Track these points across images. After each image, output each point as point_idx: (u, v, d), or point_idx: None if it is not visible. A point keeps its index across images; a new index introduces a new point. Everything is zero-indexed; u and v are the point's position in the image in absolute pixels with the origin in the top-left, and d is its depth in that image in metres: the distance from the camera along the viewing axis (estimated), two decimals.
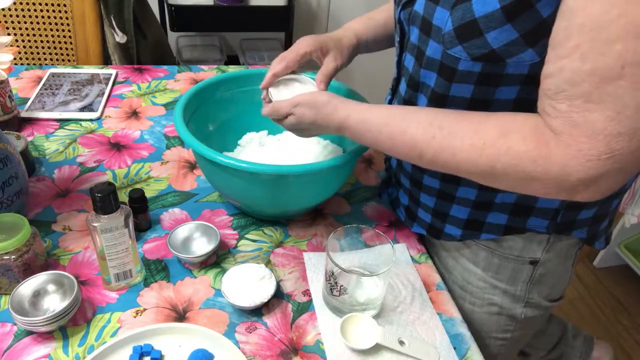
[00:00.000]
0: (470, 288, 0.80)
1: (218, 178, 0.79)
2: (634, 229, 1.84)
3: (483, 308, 0.81)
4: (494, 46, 0.55)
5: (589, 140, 0.49)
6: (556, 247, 0.73)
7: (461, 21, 0.56)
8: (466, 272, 0.80)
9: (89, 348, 0.65)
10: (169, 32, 1.87)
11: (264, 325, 0.69)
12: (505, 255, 0.75)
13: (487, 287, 0.78)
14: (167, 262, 0.77)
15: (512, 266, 0.75)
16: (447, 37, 0.59)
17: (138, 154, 0.99)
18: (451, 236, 0.76)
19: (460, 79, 0.61)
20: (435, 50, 0.62)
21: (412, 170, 0.77)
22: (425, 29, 0.63)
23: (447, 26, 0.58)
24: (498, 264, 0.76)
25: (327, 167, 0.73)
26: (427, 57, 0.64)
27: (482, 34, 0.55)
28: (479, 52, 0.57)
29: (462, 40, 0.57)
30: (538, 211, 0.69)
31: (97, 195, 0.62)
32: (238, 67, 1.39)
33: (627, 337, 1.75)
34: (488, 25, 0.54)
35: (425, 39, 0.63)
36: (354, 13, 2.32)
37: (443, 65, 0.62)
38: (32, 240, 0.69)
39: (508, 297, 0.78)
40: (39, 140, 1.01)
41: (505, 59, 0.56)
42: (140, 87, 1.21)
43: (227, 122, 0.94)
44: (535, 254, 0.74)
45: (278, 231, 0.85)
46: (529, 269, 0.75)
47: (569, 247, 0.75)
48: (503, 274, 0.76)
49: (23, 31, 1.43)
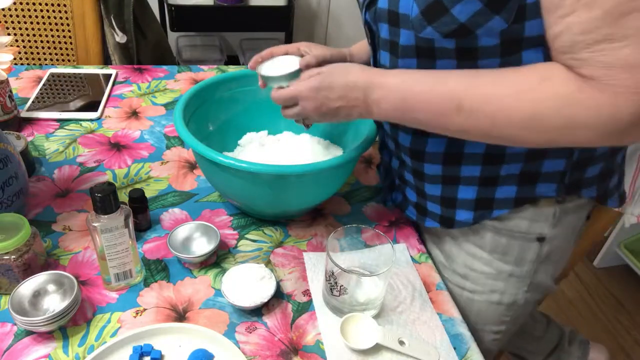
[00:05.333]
0: (473, 275, 0.80)
1: (218, 178, 0.79)
2: (634, 229, 1.84)
3: (483, 296, 0.81)
4: (461, 20, 0.57)
5: (630, 75, 0.49)
6: (563, 221, 0.74)
7: (426, 3, 0.58)
8: (470, 257, 0.79)
9: (89, 348, 0.65)
10: (169, 32, 1.87)
11: (264, 325, 0.69)
12: (512, 234, 0.74)
13: (492, 272, 0.78)
14: (167, 262, 0.77)
15: (519, 244, 0.75)
16: (416, 22, 0.60)
17: (138, 154, 0.99)
18: (463, 222, 0.76)
19: (441, 57, 0.62)
20: (409, 37, 0.63)
21: (412, 163, 0.76)
22: (393, 21, 0.64)
23: (413, 11, 0.60)
24: (505, 244, 0.75)
25: (327, 167, 0.73)
26: (401, 46, 0.65)
27: (447, 11, 0.57)
28: (449, 29, 0.58)
29: (430, 21, 0.59)
30: (545, 176, 0.69)
31: (97, 195, 0.62)
32: (238, 67, 1.39)
33: (626, 336, 1.75)
34: (452, 1, 0.56)
35: (396, 30, 0.64)
36: (354, 13, 2.33)
37: (419, 48, 0.63)
38: (32, 240, 0.69)
39: (512, 281, 0.78)
40: (39, 140, 1.01)
41: (475, 31, 0.57)
42: (140, 87, 1.21)
43: (227, 122, 0.94)
44: (542, 229, 0.74)
45: (278, 231, 0.85)
46: (536, 247, 0.75)
47: (576, 218, 0.75)
48: (510, 255, 0.76)
49: (23, 31, 1.43)
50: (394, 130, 0.76)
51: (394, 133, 0.76)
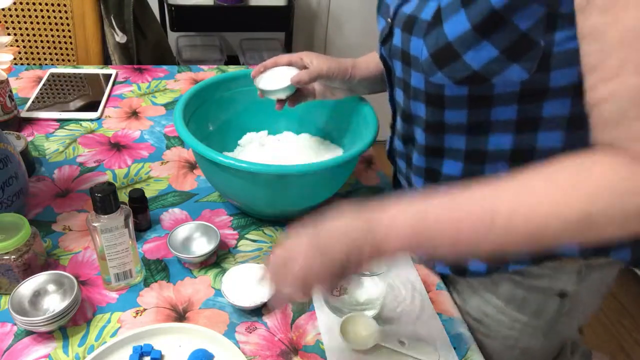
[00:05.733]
0: (487, 321, 0.74)
1: (218, 178, 0.79)
2: None
3: (497, 341, 0.75)
4: (474, 67, 0.53)
5: None
6: (589, 277, 0.67)
7: (436, 47, 0.54)
8: (485, 303, 0.73)
9: (89, 348, 0.65)
10: (169, 32, 1.86)
11: (264, 325, 0.69)
12: (531, 288, 0.69)
13: (506, 320, 0.73)
14: (167, 262, 0.77)
15: (538, 299, 0.69)
16: (425, 65, 0.57)
17: (138, 154, 0.99)
18: (476, 273, 0.71)
19: (451, 105, 0.59)
20: (419, 80, 0.60)
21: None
22: (406, 61, 0.61)
23: (423, 54, 0.56)
24: (522, 296, 0.69)
25: (327, 167, 0.73)
26: (412, 88, 0.62)
27: (459, 56, 0.53)
28: (461, 76, 0.55)
29: (441, 66, 0.55)
30: None
31: (97, 195, 0.62)
32: (238, 67, 1.39)
33: (627, 338, 1.75)
34: (464, 47, 0.52)
35: (408, 70, 0.62)
36: (354, 13, 2.33)
37: (428, 94, 0.60)
38: (32, 240, 0.69)
39: (529, 330, 0.73)
40: (39, 140, 1.01)
41: (490, 79, 0.52)
42: (140, 87, 1.21)
43: (227, 122, 0.94)
44: (565, 285, 0.67)
45: (278, 231, 0.85)
46: (556, 302, 0.69)
47: (605, 275, 0.69)
48: (527, 308, 0.70)
49: (23, 31, 1.43)
50: (408, 170, 0.74)
51: (408, 172, 0.74)
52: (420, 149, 0.68)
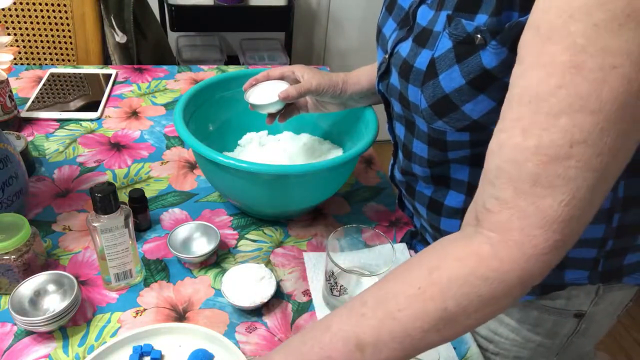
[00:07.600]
0: (497, 339, 0.73)
1: (218, 178, 0.79)
2: None
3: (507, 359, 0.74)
4: (474, 117, 0.53)
5: (543, 232, 0.41)
6: (607, 297, 0.66)
7: (434, 98, 0.54)
8: (496, 322, 0.72)
9: (89, 348, 0.65)
10: (169, 32, 1.86)
11: (264, 325, 0.69)
12: (545, 308, 0.67)
13: (519, 340, 0.71)
14: (167, 262, 0.77)
15: (553, 319, 0.68)
16: (426, 114, 0.57)
17: (138, 154, 0.99)
18: None
19: (453, 148, 0.59)
20: (422, 124, 0.60)
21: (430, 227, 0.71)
22: (405, 104, 0.61)
23: (422, 103, 0.57)
24: (536, 316, 0.68)
25: (327, 167, 0.73)
26: (414, 128, 0.62)
27: (458, 108, 0.53)
28: (462, 124, 0.55)
29: (441, 116, 0.55)
30: (573, 263, 0.61)
31: (97, 195, 0.62)
32: (238, 67, 1.39)
33: (626, 336, 1.75)
34: (461, 99, 0.52)
35: (408, 112, 0.61)
36: (354, 13, 2.33)
37: (431, 137, 0.60)
38: (32, 240, 0.69)
39: (541, 350, 0.71)
40: (39, 140, 1.01)
41: (491, 126, 0.49)
42: (140, 87, 1.21)
43: (227, 122, 0.94)
44: (581, 306, 0.66)
45: (278, 231, 0.85)
46: (572, 322, 0.67)
47: (623, 296, 0.68)
48: (541, 327, 0.69)
49: (23, 31, 1.43)
50: (410, 200, 0.73)
51: (410, 202, 0.74)
52: (423, 180, 0.68)
